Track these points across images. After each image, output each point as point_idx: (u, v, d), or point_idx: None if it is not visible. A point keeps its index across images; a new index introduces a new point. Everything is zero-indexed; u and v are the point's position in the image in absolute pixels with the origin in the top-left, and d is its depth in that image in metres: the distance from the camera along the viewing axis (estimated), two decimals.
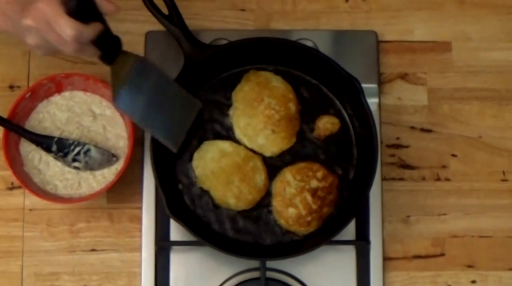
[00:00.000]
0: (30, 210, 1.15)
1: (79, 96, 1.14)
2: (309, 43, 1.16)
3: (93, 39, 0.91)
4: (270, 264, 1.10)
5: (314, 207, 1.08)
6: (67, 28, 0.86)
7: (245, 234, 1.10)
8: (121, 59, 0.99)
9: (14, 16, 0.88)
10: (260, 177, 1.10)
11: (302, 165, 1.11)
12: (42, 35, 0.89)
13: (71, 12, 0.87)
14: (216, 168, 1.09)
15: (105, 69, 1.18)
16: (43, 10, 0.86)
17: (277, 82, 1.13)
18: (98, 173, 1.12)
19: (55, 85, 1.12)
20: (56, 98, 1.14)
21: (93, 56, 0.95)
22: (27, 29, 0.88)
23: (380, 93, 1.18)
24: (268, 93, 1.12)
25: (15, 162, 1.09)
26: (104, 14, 0.92)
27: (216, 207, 1.10)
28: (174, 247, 1.12)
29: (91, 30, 0.89)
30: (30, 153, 1.12)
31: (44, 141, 1.10)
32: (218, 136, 1.12)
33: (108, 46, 0.96)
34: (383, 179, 1.16)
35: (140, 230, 1.13)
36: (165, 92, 1.06)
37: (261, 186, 1.10)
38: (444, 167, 1.18)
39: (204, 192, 1.11)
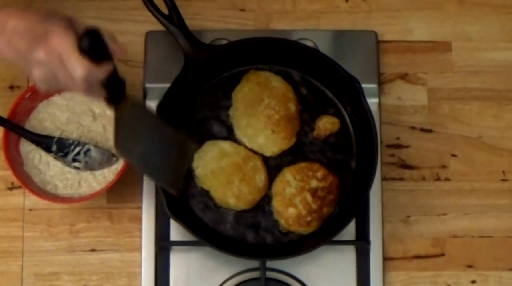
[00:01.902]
0: (30, 210, 1.15)
1: (79, 96, 1.14)
2: (309, 43, 1.16)
3: (103, 80, 0.89)
4: (270, 264, 1.10)
5: (314, 207, 1.08)
6: (78, 67, 0.84)
7: (245, 234, 1.10)
8: (123, 103, 0.98)
9: (22, 46, 0.85)
10: (260, 177, 1.10)
11: (302, 165, 1.11)
12: (51, 70, 0.86)
13: (83, 51, 0.84)
14: (216, 168, 1.09)
15: None
16: (56, 45, 0.83)
17: (277, 82, 1.13)
18: (98, 173, 1.12)
19: None
20: (56, 98, 1.14)
21: (99, 97, 0.92)
22: (37, 63, 0.85)
23: (380, 93, 1.18)
24: (268, 93, 1.12)
25: (15, 162, 1.09)
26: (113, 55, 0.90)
27: (216, 207, 1.10)
28: (174, 247, 1.12)
29: (102, 70, 0.87)
30: (30, 153, 1.12)
31: (44, 141, 1.10)
32: (218, 136, 1.12)
33: (114, 88, 0.94)
34: (383, 179, 1.16)
35: (140, 230, 1.13)
36: (162, 137, 1.05)
37: (261, 186, 1.10)
38: (444, 167, 1.18)
39: (204, 192, 1.11)
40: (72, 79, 0.85)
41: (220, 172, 1.09)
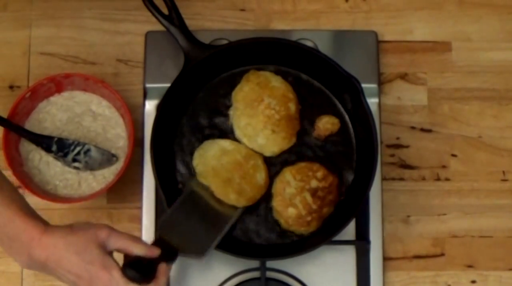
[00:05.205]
0: None
1: (79, 96, 1.14)
2: (309, 43, 1.16)
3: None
4: (270, 264, 1.10)
5: (314, 207, 1.08)
6: None
7: (245, 234, 1.10)
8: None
9: (69, 282, 0.92)
10: (261, 175, 1.10)
11: (302, 165, 1.11)
12: None
13: (134, 279, 0.89)
14: (217, 165, 1.09)
15: (105, 69, 1.19)
16: (109, 284, 0.89)
17: (277, 82, 1.13)
18: (98, 173, 1.12)
19: (55, 85, 1.12)
20: (56, 98, 1.14)
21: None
22: None
23: (380, 93, 1.18)
24: (268, 93, 1.12)
25: (15, 162, 1.09)
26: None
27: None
28: None
29: (163, 281, 0.93)
30: (30, 153, 1.12)
31: (44, 141, 1.10)
32: (218, 136, 1.12)
33: (170, 256, 0.97)
34: (383, 179, 1.16)
35: (140, 230, 1.13)
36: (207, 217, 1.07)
37: (262, 184, 1.10)
38: (444, 167, 1.18)
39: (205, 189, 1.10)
40: None
41: (220, 169, 1.09)
